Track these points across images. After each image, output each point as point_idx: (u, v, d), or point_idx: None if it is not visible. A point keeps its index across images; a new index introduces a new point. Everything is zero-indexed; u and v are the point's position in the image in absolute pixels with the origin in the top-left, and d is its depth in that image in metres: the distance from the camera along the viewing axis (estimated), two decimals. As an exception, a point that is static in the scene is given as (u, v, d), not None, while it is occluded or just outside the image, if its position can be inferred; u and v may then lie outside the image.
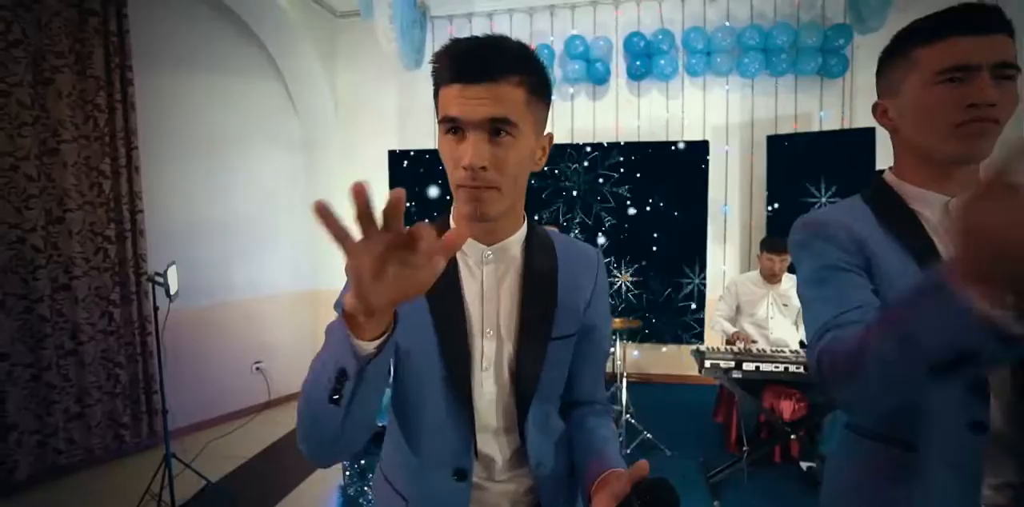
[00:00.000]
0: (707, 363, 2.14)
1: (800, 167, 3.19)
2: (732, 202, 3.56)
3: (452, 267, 0.75)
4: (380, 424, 0.85)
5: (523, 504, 0.79)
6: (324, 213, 0.50)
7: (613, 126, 3.63)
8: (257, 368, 3.84)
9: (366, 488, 2.17)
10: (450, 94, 0.66)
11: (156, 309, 2.50)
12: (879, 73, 0.85)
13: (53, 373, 2.84)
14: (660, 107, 3.60)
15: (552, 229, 0.89)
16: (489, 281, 0.76)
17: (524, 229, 0.78)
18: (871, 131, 2.99)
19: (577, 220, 3.49)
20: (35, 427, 2.81)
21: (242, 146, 3.72)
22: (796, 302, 2.62)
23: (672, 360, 3.68)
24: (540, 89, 0.69)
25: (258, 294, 3.84)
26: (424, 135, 3.92)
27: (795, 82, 3.41)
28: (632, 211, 3.41)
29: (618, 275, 3.44)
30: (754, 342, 2.54)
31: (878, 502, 0.79)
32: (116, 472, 2.94)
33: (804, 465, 2.29)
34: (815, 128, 3.38)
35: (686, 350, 3.60)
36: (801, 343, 2.43)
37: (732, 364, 2.09)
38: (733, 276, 3.06)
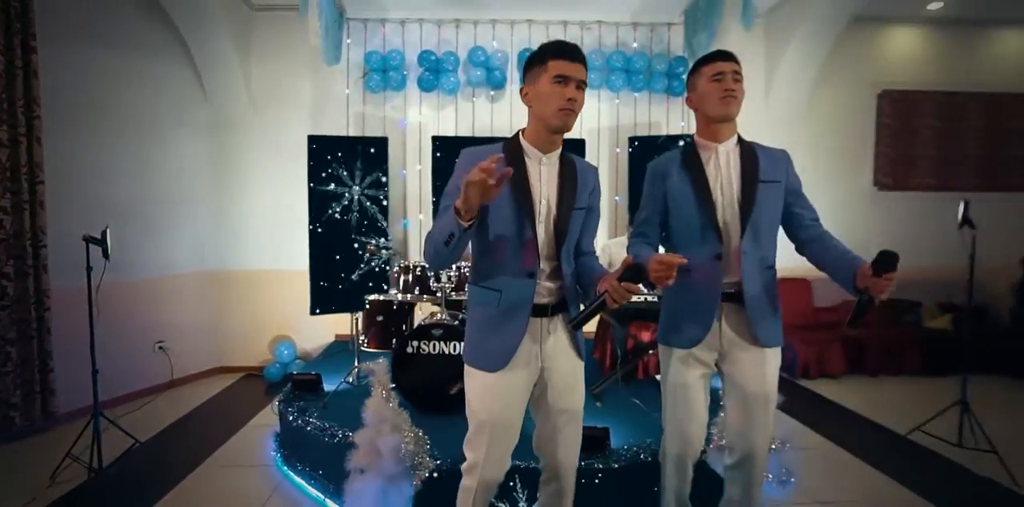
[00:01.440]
0: (590, 298, 2.83)
1: (651, 160, 4.11)
2: (604, 186, 4.40)
3: (523, 166, 1.39)
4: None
5: (556, 293, 1.44)
6: (489, 170, 1.11)
7: (508, 124, 4.28)
8: (160, 347, 3.77)
9: (304, 423, 2.44)
10: (561, 64, 1.31)
11: (90, 270, 2.51)
12: (688, 79, 1.62)
13: (-66, 348, 2.66)
14: (548, 111, 4.34)
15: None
16: (545, 174, 1.41)
17: (560, 148, 1.44)
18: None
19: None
20: (-89, 407, 2.61)
21: (151, 126, 3.70)
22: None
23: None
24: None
25: (161, 273, 3.80)
26: (338, 124, 4.22)
27: (649, 97, 4.36)
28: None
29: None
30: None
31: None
32: (7, 456, 2.74)
33: (659, 377, 3.05)
34: (664, 133, 4.36)
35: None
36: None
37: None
38: (604, 241, 3.82)
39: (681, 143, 3.88)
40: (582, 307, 1.42)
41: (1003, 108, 4.64)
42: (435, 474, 1.91)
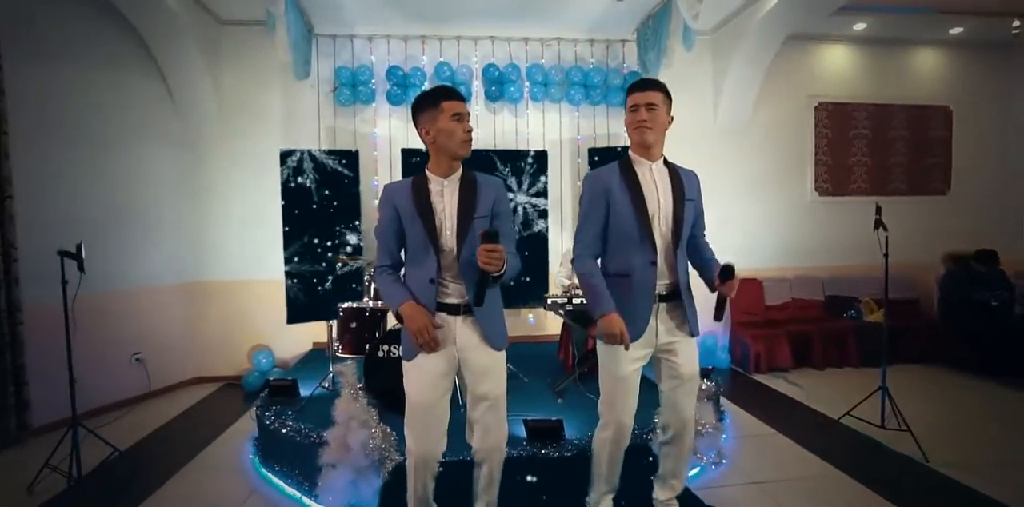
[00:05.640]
0: (548, 301, 3.04)
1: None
2: (567, 195, 4.65)
3: (428, 194, 1.64)
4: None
5: (465, 294, 1.69)
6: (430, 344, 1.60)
7: (475, 136, 4.46)
8: (136, 359, 3.83)
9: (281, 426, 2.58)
10: (453, 104, 1.61)
11: (65, 284, 2.59)
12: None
13: (-94, 365, 2.70)
14: (511, 124, 4.55)
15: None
16: (447, 194, 1.67)
17: (460, 171, 1.70)
18: (654, 147, 4.26)
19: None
20: None
21: (121, 140, 3.76)
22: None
23: (537, 325, 4.61)
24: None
25: (137, 285, 3.86)
26: (308, 137, 4.34)
27: (607, 110, 4.62)
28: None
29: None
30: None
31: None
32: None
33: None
34: (622, 144, 4.61)
35: (541, 314, 4.55)
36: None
37: (565, 300, 3.02)
38: (568, 247, 4.04)
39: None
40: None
41: (926, 119, 5.08)
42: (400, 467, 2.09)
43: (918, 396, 3.62)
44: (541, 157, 4.33)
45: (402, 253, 1.74)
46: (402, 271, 1.74)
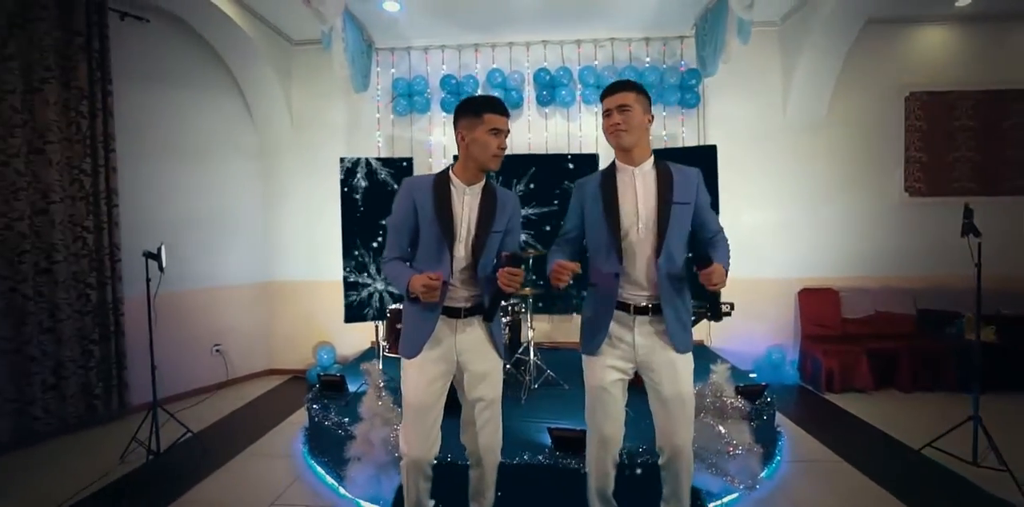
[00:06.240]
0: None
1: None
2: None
3: (449, 195, 1.67)
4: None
5: (472, 300, 1.74)
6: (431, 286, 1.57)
7: (526, 142, 4.49)
8: (216, 350, 4.25)
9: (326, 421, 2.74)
10: (494, 118, 1.62)
11: (149, 281, 2.94)
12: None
13: (32, 347, 3.19)
14: (563, 127, 4.51)
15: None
16: (468, 203, 1.69)
17: (483, 181, 1.73)
18: (713, 147, 4.02)
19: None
20: (15, 396, 3.13)
21: (206, 152, 4.22)
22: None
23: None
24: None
25: (217, 284, 4.29)
26: (369, 146, 4.58)
27: (663, 110, 4.44)
28: (542, 208, 4.24)
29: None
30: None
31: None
32: (89, 439, 3.25)
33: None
34: (679, 145, 4.41)
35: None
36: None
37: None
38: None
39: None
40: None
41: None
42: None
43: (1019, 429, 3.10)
44: (591, 161, 4.25)
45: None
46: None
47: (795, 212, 4.35)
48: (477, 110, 1.61)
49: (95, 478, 2.66)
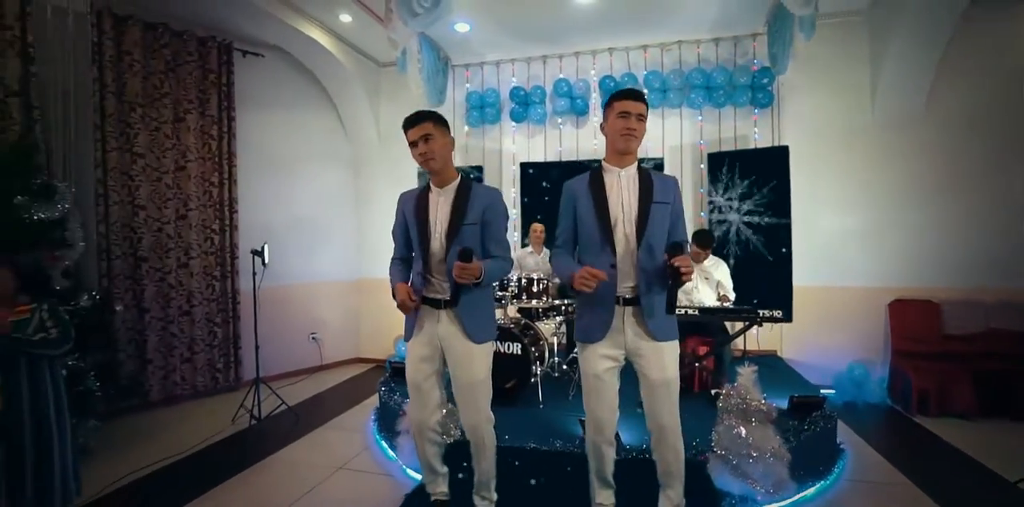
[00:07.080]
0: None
1: (732, 176, 4.07)
2: (686, 202, 4.41)
3: (427, 201, 1.89)
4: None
5: (449, 291, 1.92)
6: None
7: (591, 148, 4.59)
8: (313, 338, 4.88)
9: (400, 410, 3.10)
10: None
11: (255, 275, 3.53)
12: (604, 109, 1.89)
13: (175, 326, 3.95)
14: (627, 132, 4.55)
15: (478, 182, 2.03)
16: (442, 201, 1.93)
17: (459, 179, 1.97)
18: (785, 148, 3.83)
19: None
20: (162, 364, 3.90)
21: (307, 164, 4.87)
22: (715, 275, 3.47)
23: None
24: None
25: (315, 279, 4.92)
26: (445, 156, 4.97)
27: (734, 111, 4.30)
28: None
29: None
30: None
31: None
32: (212, 403, 3.94)
33: (712, 391, 3.09)
34: (751, 146, 4.25)
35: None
36: (713, 307, 3.26)
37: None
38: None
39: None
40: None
41: None
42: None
43: None
44: (657, 165, 4.25)
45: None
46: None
47: (882, 217, 3.99)
48: (403, 127, 1.95)
49: (213, 433, 3.27)
